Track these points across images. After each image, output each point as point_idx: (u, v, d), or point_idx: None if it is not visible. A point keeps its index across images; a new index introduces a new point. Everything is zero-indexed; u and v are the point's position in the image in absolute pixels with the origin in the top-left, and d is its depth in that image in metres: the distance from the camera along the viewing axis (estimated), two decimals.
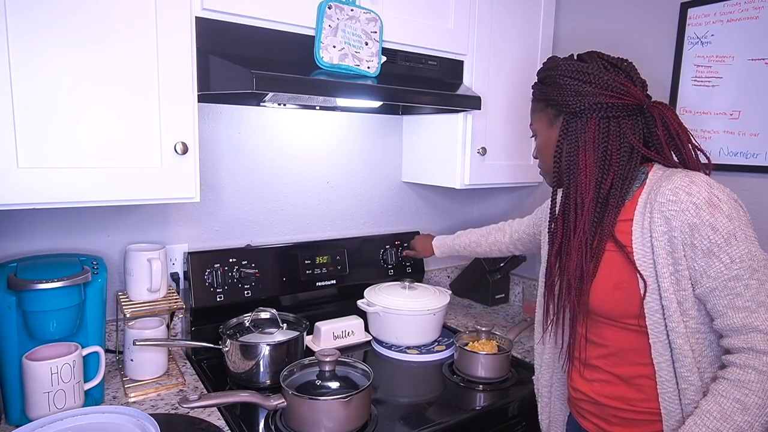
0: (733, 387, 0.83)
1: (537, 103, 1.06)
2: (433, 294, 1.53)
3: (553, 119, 1.01)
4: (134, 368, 1.22)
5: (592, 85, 0.95)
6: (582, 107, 0.95)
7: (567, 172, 0.99)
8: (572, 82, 0.97)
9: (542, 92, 1.03)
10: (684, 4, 1.43)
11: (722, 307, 0.85)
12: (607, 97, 0.94)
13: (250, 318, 1.35)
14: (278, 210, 1.61)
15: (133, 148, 1.03)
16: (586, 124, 0.96)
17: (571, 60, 1.02)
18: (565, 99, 0.97)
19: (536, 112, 1.06)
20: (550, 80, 1.01)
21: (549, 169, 1.04)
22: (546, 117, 1.03)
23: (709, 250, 0.84)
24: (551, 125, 1.02)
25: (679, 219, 0.85)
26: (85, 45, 0.96)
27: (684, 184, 0.87)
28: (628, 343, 0.96)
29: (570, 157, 0.98)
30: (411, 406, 1.20)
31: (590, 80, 0.95)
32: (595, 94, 0.95)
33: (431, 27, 1.42)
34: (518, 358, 1.43)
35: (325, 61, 1.21)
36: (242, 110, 1.50)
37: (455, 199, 2.04)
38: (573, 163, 0.98)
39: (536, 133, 1.07)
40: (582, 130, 0.96)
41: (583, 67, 0.97)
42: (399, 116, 1.82)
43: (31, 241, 1.25)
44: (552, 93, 1.00)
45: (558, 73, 0.99)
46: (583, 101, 0.95)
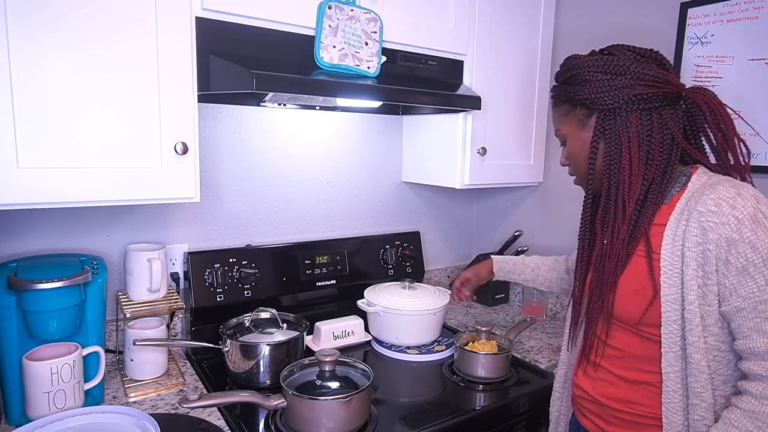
0: (746, 418, 0.80)
1: (562, 107, 1.00)
2: (433, 294, 1.53)
3: (584, 120, 0.96)
4: (134, 368, 1.22)
5: (627, 77, 0.89)
6: (618, 102, 0.90)
7: (607, 173, 0.93)
8: (603, 77, 0.91)
9: (568, 93, 0.96)
10: (684, 4, 1.44)
11: (747, 329, 0.80)
12: (645, 87, 0.88)
13: (250, 318, 1.35)
14: (278, 210, 1.61)
15: (133, 148, 1.03)
16: (626, 119, 0.90)
17: (595, 55, 0.96)
18: (597, 96, 0.91)
19: (562, 116, 1.00)
20: (577, 78, 0.95)
21: (585, 172, 0.98)
22: (575, 119, 0.97)
23: (743, 269, 0.79)
24: (583, 126, 0.96)
25: (718, 232, 0.81)
26: (85, 45, 0.96)
27: (729, 195, 0.81)
28: (638, 349, 0.93)
29: (609, 156, 0.92)
30: (411, 406, 1.20)
31: (623, 72, 0.90)
32: (631, 86, 0.89)
33: (431, 27, 1.42)
34: (518, 358, 1.43)
35: (325, 61, 1.21)
36: (242, 110, 1.50)
37: (455, 199, 2.04)
38: (613, 162, 0.92)
39: (566, 137, 1.01)
40: (622, 126, 0.90)
41: (611, 60, 0.92)
42: (399, 116, 1.82)
43: (31, 241, 1.25)
44: (581, 92, 0.94)
45: (585, 69, 0.94)
46: (619, 95, 0.89)
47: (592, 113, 0.94)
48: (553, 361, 1.42)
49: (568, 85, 0.97)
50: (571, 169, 1.05)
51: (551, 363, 1.41)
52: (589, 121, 0.95)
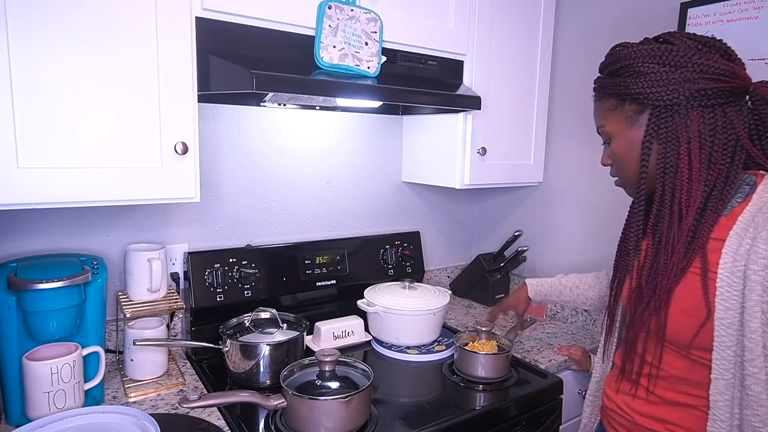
0: None
1: (607, 101, 0.90)
2: (433, 294, 1.53)
3: (634, 116, 0.87)
4: (134, 368, 1.22)
5: (688, 70, 0.80)
6: (678, 98, 0.80)
7: (661, 176, 0.84)
8: (661, 69, 0.82)
9: (618, 86, 0.87)
10: (684, 4, 1.43)
11: None
12: (709, 81, 0.79)
13: (250, 318, 1.35)
14: (278, 210, 1.61)
15: (133, 148, 1.03)
16: (686, 116, 0.81)
17: (651, 43, 0.86)
18: (653, 90, 0.82)
19: (608, 112, 0.91)
20: (629, 70, 0.85)
21: (633, 176, 0.89)
22: (623, 115, 0.88)
23: None
24: (632, 123, 0.87)
25: None
26: (85, 45, 0.96)
27: None
28: (684, 372, 0.86)
29: (665, 158, 0.83)
30: (411, 406, 1.20)
31: (684, 63, 0.81)
32: (693, 80, 0.80)
33: (431, 27, 1.42)
34: (518, 358, 1.43)
35: (325, 61, 1.21)
36: (242, 110, 1.50)
37: (455, 199, 2.04)
38: (669, 165, 0.83)
39: (610, 136, 0.92)
40: (681, 124, 0.81)
41: (671, 50, 0.82)
42: (399, 116, 1.82)
43: (31, 241, 1.25)
44: (633, 85, 0.84)
45: (639, 60, 0.84)
46: (678, 90, 0.80)
47: (644, 109, 0.85)
48: (553, 361, 1.42)
49: (617, 77, 0.88)
50: (613, 170, 0.96)
51: (551, 363, 1.41)
52: (640, 118, 0.86)
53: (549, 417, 1.31)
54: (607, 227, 1.66)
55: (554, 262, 1.84)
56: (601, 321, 1.66)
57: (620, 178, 0.95)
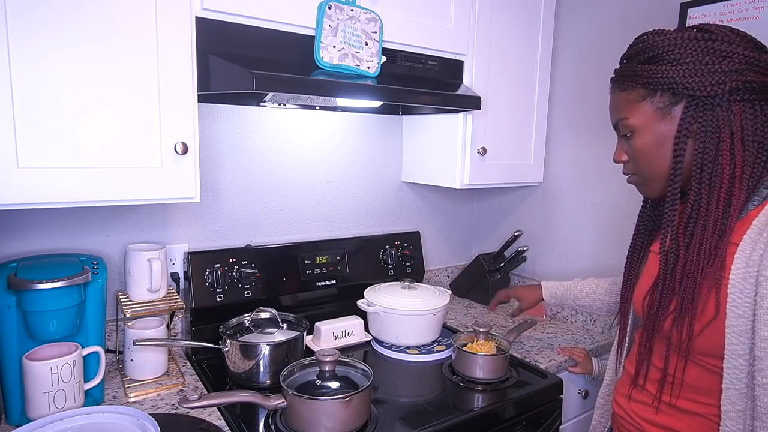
0: None
1: (635, 91, 0.83)
2: (433, 294, 1.53)
3: (666, 108, 0.80)
4: (134, 368, 1.22)
5: (734, 60, 0.75)
6: (722, 89, 0.75)
7: (697, 175, 0.79)
8: (705, 58, 0.76)
9: (650, 74, 0.80)
10: (684, 4, 1.43)
11: None
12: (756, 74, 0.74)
13: (250, 318, 1.35)
14: (278, 210, 1.61)
15: (133, 148, 1.03)
16: (728, 109, 0.76)
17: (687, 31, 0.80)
18: (693, 80, 0.76)
19: (633, 103, 0.84)
20: (664, 58, 0.79)
21: (660, 173, 0.84)
22: (653, 107, 0.81)
23: None
24: (663, 116, 0.81)
25: None
26: (85, 45, 0.96)
27: None
28: (694, 379, 0.84)
29: (703, 154, 0.78)
30: (411, 406, 1.20)
31: (729, 54, 0.75)
32: (740, 71, 0.74)
33: (431, 27, 1.42)
34: (518, 358, 1.43)
35: (325, 61, 1.21)
36: (242, 110, 1.50)
37: (455, 199, 2.04)
38: (706, 162, 0.77)
39: (634, 129, 0.85)
40: (723, 118, 0.76)
41: (713, 39, 0.77)
42: (399, 116, 1.82)
43: (31, 241, 1.25)
44: (668, 74, 0.78)
45: (678, 48, 0.78)
46: (723, 80, 0.75)
47: (678, 101, 0.79)
48: (553, 361, 1.42)
49: (649, 65, 0.81)
50: (630, 166, 0.89)
51: (551, 363, 1.41)
52: (673, 110, 0.80)
53: (549, 417, 1.31)
54: (607, 227, 1.66)
55: (554, 262, 1.85)
56: (600, 321, 1.66)
57: (640, 176, 0.88)
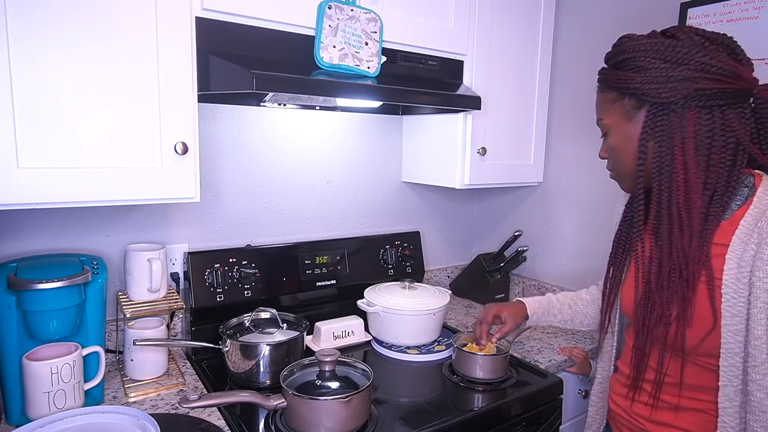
0: None
1: (608, 93, 0.88)
2: (433, 294, 1.53)
3: (632, 111, 0.85)
4: (134, 368, 1.22)
5: (689, 68, 0.78)
6: (675, 95, 0.78)
7: (657, 176, 0.82)
8: (662, 65, 0.79)
9: (618, 79, 0.85)
10: (684, 4, 1.44)
11: None
12: (709, 81, 0.77)
13: (250, 318, 1.35)
14: (278, 210, 1.61)
15: (133, 148, 1.03)
16: (682, 115, 0.79)
17: (656, 37, 0.83)
18: (651, 86, 0.80)
19: (607, 104, 0.89)
20: (630, 64, 0.83)
21: (629, 171, 0.88)
22: (622, 109, 0.86)
23: None
24: (630, 119, 0.85)
25: None
26: (85, 45, 0.96)
27: None
28: (691, 378, 0.85)
29: (660, 157, 0.82)
30: (411, 406, 1.20)
31: (685, 61, 0.78)
32: (693, 79, 0.77)
33: (431, 27, 1.42)
34: (518, 358, 1.43)
35: (325, 61, 1.21)
36: (242, 110, 1.50)
37: (455, 199, 2.04)
38: (665, 165, 0.81)
39: (608, 129, 0.90)
40: (676, 123, 0.79)
41: (674, 45, 0.79)
42: (399, 116, 1.82)
43: (31, 241, 1.25)
44: (633, 79, 0.82)
45: (640, 54, 0.82)
46: (677, 88, 0.78)
47: (642, 105, 0.83)
48: (553, 361, 1.42)
49: (619, 70, 0.86)
50: (610, 163, 0.95)
51: (551, 363, 1.41)
52: (637, 114, 0.84)
53: (549, 417, 1.31)
54: (607, 227, 1.66)
55: (554, 262, 1.85)
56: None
57: (615, 173, 0.94)
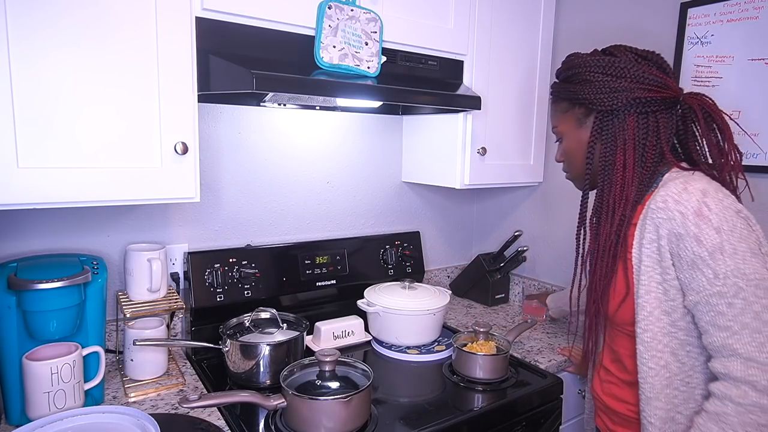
0: (712, 421, 0.80)
1: (561, 104, 1.02)
2: (433, 294, 1.53)
3: (582, 119, 0.98)
4: (134, 368, 1.22)
5: (627, 80, 0.91)
6: (617, 104, 0.91)
7: (602, 173, 0.95)
8: (604, 78, 0.93)
9: (568, 91, 0.98)
10: (684, 4, 1.44)
11: (704, 323, 0.82)
12: (644, 91, 0.90)
13: (250, 318, 1.35)
14: (278, 210, 1.61)
15: (133, 148, 1.03)
16: (623, 121, 0.92)
17: (597, 55, 0.97)
18: (597, 96, 0.93)
19: (560, 113, 1.02)
20: (578, 78, 0.97)
21: (580, 172, 1.01)
22: (573, 117, 0.99)
23: (693, 263, 0.81)
24: (580, 125, 0.98)
25: (666, 227, 0.84)
26: (85, 45, 0.96)
27: (676, 191, 0.84)
28: (629, 349, 0.95)
29: (605, 157, 0.94)
30: (411, 406, 1.20)
31: (623, 74, 0.91)
32: (630, 89, 0.91)
33: (431, 27, 1.42)
34: (518, 358, 1.43)
35: (325, 61, 1.21)
36: (242, 110, 1.50)
37: (455, 199, 2.04)
38: (608, 163, 0.94)
39: (562, 135, 1.03)
40: (619, 128, 0.92)
41: (613, 62, 0.93)
42: (399, 116, 1.82)
43: (31, 241, 1.25)
44: (581, 91, 0.95)
45: (586, 69, 0.95)
46: (618, 97, 0.91)
47: (590, 113, 0.96)
48: (553, 361, 1.42)
49: (568, 84, 0.99)
50: (565, 165, 1.07)
51: (551, 363, 1.41)
52: (587, 120, 0.97)
53: (549, 417, 1.31)
54: None
55: (554, 262, 1.84)
56: None
57: (570, 174, 1.06)
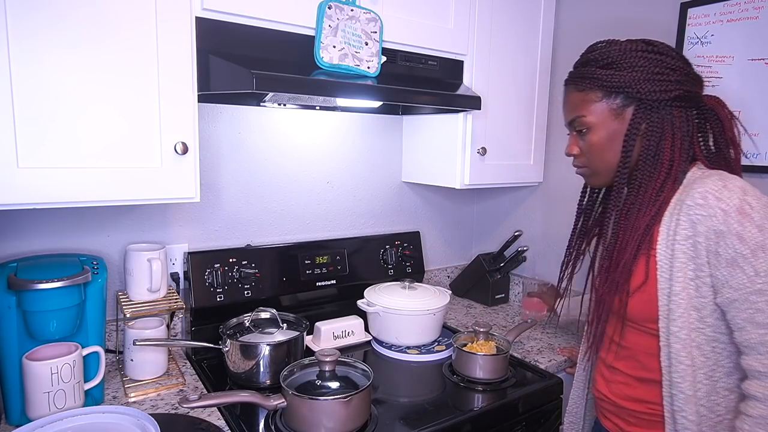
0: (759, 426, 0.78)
1: (592, 93, 0.94)
2: (433, 294, 1.53)
3: (619, 109, 0.92)
4: (134, 368, 1.22)
5: (677, 72, 0.88)
6: (665, 96, 0.87)
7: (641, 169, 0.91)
8: (655, 69, 0.88)
9: (609, 78, 0.91)
10: (684, 4, 1.43)
11: (741, 321, 0.81)
12: (691, 85, 0.88)
13: (250, 318, 1.35)
14: (278, 210, 1.61)
15: (133, 148, 1.03)
16: (670, 114, 0.89)
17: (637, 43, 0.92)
18: (644, 86, 0.88)
19: (590, 103, 0.94)
20: (621, 64, 0.90)
21: (609, 167, 0.95)
22: (607, 107, 0.92)
23: (733, 260, 0.80)
24: (616, 116, 0.92)
25: (706, 224, 0.81)
26: (85, 45, 0.96)
27: (715, 188, 0.82)
28: (646, 347, 0.94)
29: (647, 151, 0.90)
30: (411, 406, 1.20)
31: (673, 66, 0.88)
32: (680, 82, 0.88)
33: (431, 27, 1.42)
34: (518, 358, 1.43)
35: (325, 61, 1.21)
36: (242, 110, 1.50)
37: (455, 199, 2.04)
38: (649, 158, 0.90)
39: (589, 126, 0.95)
40: (666, 121, 0.89)
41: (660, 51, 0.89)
42: (399, 116, 1.82)
43: (31, 241, 1.25)
44: (624, 78, 0.89)
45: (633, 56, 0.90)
46: (668, 89, 0.87)
47: (630, 103, 0.91)
48: (553, 361, 1.42)
49: (607, 70, 0.91)
50: (581, 160, 1.00)
51: (551, 363, 1.41)
52: (624, 111, 0.91)
53: (549, 417, 1.31)
54: None
55: (554, 262, 1.84)
56: None
57: (590, 168, 0.99)
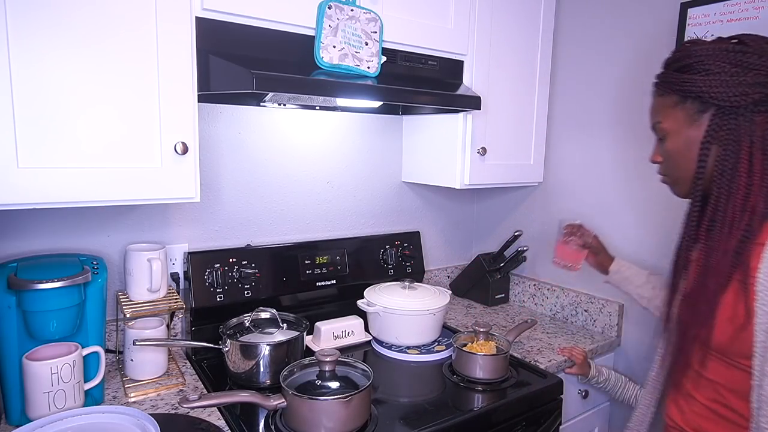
0: None
1: (669, 97, 0.88)
2: (433, 294, 1.53)
3: (695, 115, 0.85)
4: (134, 368, 1.22)
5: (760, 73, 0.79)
6: (744, 101, 0.79)
7: (718, 179, 0.83)
8: (731, 69, 0.80)
9: (682, 83, 0.85)
10: (684, 4, 1.43)
11: None
12: None
13: (250, 318, 1.35)
14: (278, 210, 1.62)
15: (133, 148, 1.03)
16: (750, 120, 0.80)
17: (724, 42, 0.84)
18: (719, 90, 0.81)
19: (668, 108, 0.89)
20: (696, 67, 0.84)
21: (686, 176, 0.88)
22: (684, 113, 0.86)
23: None
24: (692, 122, 0.86)
25: None
26: (85, 45, 0.96)
27: None
28: (732, 382, 0.85)
29: (723, 161, 0.82)
30: (411, 406, 1.20)
31: (756, 66, 0.79)
32: (762, 84, 0.79)
33: (431, 27, 1.42)
34: (518, 358, 1.43)
35: (325, 61, 1.21)
36: (242, 110, 1.50)
37: (455, 199, 2.04)
38: (727, 168, 0.82)
39: (666, 133, 0.90)
40: (746, 127, 0.80)
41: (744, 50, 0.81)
42: (399, 116, 1.82)
43: (31, 241, 1.25)
44: (699, 83, 0.83)
45: (709, 58, 0.82)
46: (747, 92, 0.79)
47: (706, 109, 0.84)
48: (553, 361, 1.42)
49: (683, 73, 0.86)
50: (663, 167, 0.95)
51: (551, 363, 1.41)
52: (701, 117, 0.85)
53: (549, 417, 1.31)
54: (607, 227, 1.66)
55: None
56: (600, 321, 1.66)
57: (670, 177, 0.94)
